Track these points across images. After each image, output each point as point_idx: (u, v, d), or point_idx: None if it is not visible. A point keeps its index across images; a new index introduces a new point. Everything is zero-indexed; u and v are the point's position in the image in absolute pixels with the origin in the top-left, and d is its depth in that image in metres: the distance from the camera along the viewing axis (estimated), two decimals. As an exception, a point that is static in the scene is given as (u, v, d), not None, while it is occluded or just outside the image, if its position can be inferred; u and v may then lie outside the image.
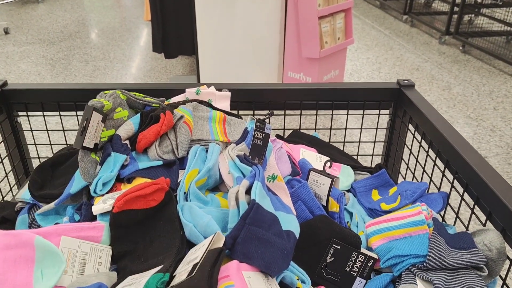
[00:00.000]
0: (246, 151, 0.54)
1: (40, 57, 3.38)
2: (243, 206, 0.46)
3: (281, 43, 2.70)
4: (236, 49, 2.70)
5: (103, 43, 3.69)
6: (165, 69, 3.18)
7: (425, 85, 2.76)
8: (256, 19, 2.62)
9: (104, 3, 5.09)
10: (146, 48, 3.58)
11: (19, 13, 4.46)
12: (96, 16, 4.54)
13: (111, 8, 4.91)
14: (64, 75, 3.05)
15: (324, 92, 0.86)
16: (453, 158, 0.65)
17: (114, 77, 3.00)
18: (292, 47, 2.61)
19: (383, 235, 0.55)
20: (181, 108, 0.65)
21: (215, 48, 2.68)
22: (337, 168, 0.78)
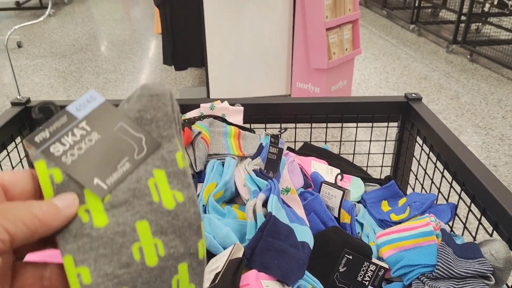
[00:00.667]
0: (261, 165, 0.57)
1: (53, 70, 3.45)
2: (260, 219, 0.48)
3: (289, 54, 2.74)
4: (244, 61, 2.75)
5: (114, 55, 3.76)
6: (175, 81, 3.23)
7: (433, 94, 2.77)
8: (264, 31, 2.67)
9: (114, 16, 5.18)
10: (156, 60, 3.64)
11: (32, 27, 4.56)
12: (107, 29, 4.63)
13: (121, 21, 5.01)
14: (76, 87, 3.11)
15: (334, 106, 0.89)
16: (460, 170, 0.67)
17: (125, 89, 3.06)
18: (300, 58, 2.65)
19: (393, 245, 0.57)
20: (198, 124, 0.69)
21: (224, 60, 2.73)
22: (347, 180, 0.80)
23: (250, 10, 2.60)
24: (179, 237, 0.30)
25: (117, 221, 0.29)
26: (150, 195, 0.30)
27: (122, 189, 0.30)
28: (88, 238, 0.28)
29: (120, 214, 0.29)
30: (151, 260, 0.29)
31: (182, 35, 2.67)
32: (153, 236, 0.29)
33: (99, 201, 0.29)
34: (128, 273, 0.28)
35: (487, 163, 2.07)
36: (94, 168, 0.30)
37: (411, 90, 2.86)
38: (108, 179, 0.30)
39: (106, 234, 0.28)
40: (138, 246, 0.29)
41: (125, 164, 0.30)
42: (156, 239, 0.29)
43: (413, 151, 0.88)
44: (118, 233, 0.29)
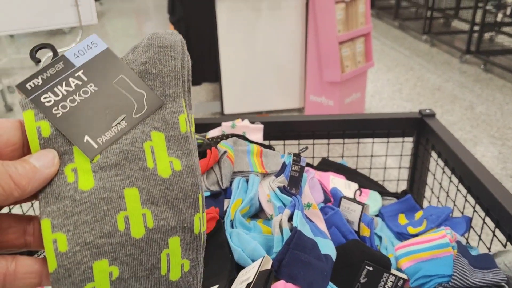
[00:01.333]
0: (285, 182, 0.61)
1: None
2: (286, 233, 0.52)
3: (302, 67, 2.79)
4: (258, 75, 2.81)
5: (131, 71, 3.85)
6: (191, 95, 3.28)
7: (448, 105, 2.79)
8: (277, 45, 2.73)
9: (127, 32, 5.31)
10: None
11: (49, 44, 4.68)
12: (120, 45, 4.74)
13: (134, 36, 5.13)
14: (96, 103, 3.19)
15: (351, 123, 0.92)
16: (474, 185, 0.70)
17: (143, 105, 3.13)
18: (314, 71, 2.69)
19: (411, 257, 0.60)
20: (223, 143, 0.73)
21: (237, 75, 2.79)
22: (365, 194, 0.84)
23: (263, 25, 2.66)
24: (172, 209, 0.28)
25: (103, 186, 0.26)
26: (144, 159, 0.27)
27: (114, 151, 0.27)
28: (71, 201, 0.25)
29: (108, 178, 0.26)
30: (137, 231, 0.26)
31: (196, 51, 2.75)
32: (142, 206, 0.27)
33: (88, 161, 0.26)
34: (110, 243, 0.25)
35: (504, 173, 2.07)
36: (86, 124, 0.27)
37: (424, 101, 2.88)
38: (100, 138, 0.27)
39: (90, 198, 0.26)
40: (124, 215, 0.26)
41: (120, 122, 0.27)
42: (145, 209, 0.27)
43: (428, 165, 0.91)
44: (103, 199, 0.26)
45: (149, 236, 0.27)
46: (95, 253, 0.25)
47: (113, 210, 0.26)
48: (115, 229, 0.26)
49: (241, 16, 2.62)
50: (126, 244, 0.26)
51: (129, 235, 0.26)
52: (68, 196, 0.25)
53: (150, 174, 0.27)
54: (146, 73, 0.29)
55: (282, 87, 2.86)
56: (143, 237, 0.26)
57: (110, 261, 0.26)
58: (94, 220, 0.26)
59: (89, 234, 0.25)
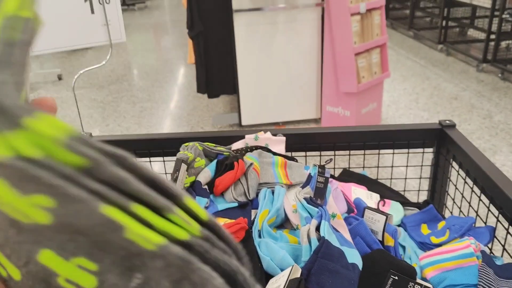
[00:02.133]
0: (311, 193, 0.63)
1: (92, 101, 3.64)
2: (314, 242, 0.54)
3: (318, 78, 2.81)
4: (275, 87, 2.84)
5: (148, 85, 3.93)
6: (207, 107, 3.34)
7: (465, 114, 2.77)
8: (294, 57, 2.76)
9: (146, 47, 5.42)
10: (188, 88, 3.77)
11: (70, 60, 4.82)
12: (140, 59, 4.84)
13: (153, 51, 5.23)
14: (114, 117, 3.26)
15: (371, 134, 0.94)
16: (497, 195, 0.71)
17: (159, 117, 3.19)
18: (330, 82, 2.71)
19: (436, 267, 0.61)
20: (249, 155, 0.76)
21: (255, 87, 2.83)
22: (387, 204, 0.85)
23: (280, 38, 2.70)
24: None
25: None
26: None
27: None
28: None
29: None
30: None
31: (215, 64, 2.80)
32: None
33: None
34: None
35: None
36: None
37: (442, 111, 2.87)
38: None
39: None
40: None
41: None
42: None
43: (449, 175, 0.92)
44: None
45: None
46: None
47: None
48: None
49: (258, 30, 2.67)
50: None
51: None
52: None
53: None
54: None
55: (298, 98, 2.89)
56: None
57: None
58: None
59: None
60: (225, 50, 2.74)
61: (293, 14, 2.64)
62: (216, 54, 2.78)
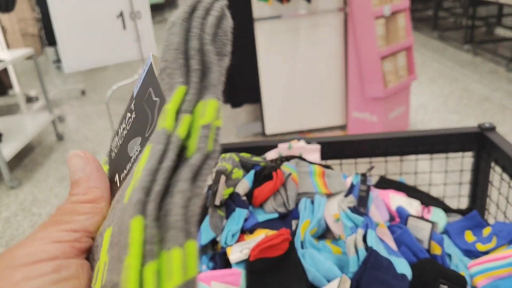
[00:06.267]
0: (354, 202, 0.62)
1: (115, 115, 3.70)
2: (361, 253, 0.53)
3: (343, 84, 2.79)
4: (299, 94, 2.83)
5: (172, 97, 3.97)
6: (230, 118, 3.35)
7: (497, 116, 2.69)
8: (318, 63, 2.75)
9: (166, 57, 5.49)
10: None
11: (93, 75, 4.94)
12: (161, 70, 4.90)
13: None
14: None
15: (408, 140, 0.92)
16: (546, 199, 0.68)
17: (187, 128, 3.21)
18: (355, 87, 2.69)
19: (487, 274, 0.59)
20: (286, 165, 0.76)
21: (278, 94, 2.83)
22: (429, 211, 0.83)
23: (302, 44, 2.70)
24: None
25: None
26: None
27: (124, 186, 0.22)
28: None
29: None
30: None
31: (237, 73, 2.82)
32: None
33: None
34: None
35: None
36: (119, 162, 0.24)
37: (472, 113, 2.80)
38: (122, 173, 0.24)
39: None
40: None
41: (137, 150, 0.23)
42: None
43: (492, 180, 0.89)
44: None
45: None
46: None
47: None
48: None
49: (280, 37, 2.68)
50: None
51: None
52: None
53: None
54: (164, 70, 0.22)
55: (323, 105, 2.87)
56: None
57: None
58: None
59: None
60: (247, 60, 2.75)
61: (314, 20, 2.64)
62: (238, 64, 2.79)
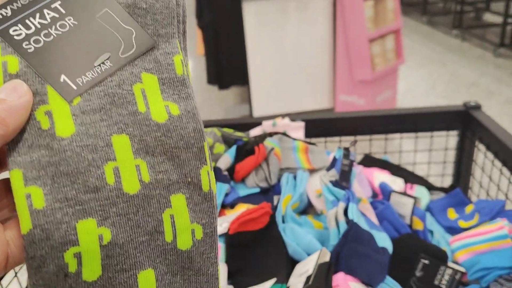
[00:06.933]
0: (336, 176, 0.61)
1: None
2: (342, 226, 0.53)
3: (331, 67, 2.77)
4: (287, 76, 2.81)
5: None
6: (218, 100, 3.31)
7: (484, 101, 2.71)
8: (306, 46, 2.72)
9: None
10: (198, 80, 3.74)
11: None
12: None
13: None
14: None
15: (393, 118, 0.91)
16: (529, 176, 0.68)
17: (174, 110, 3.17)
18: (343, 70, 2.67)
19: (468, 250, 0.59)
20: (269, 140, 0.74)
21: (266, 77, 2.80)
22: (412, 189, 0.83)
23: (291, 26, 2.66)
24: (171, 160, 0.23)
25: (87, 131, 0.22)
26: (134, 103, 0.23)
27: (98, 93, 0.23)
28: (47, 151, 0.21)
29: (92, 123, 0.22)
30: (130, 185, 0.22)
31: (225, 54, 2.78)
32: (135, 156, 0.23)
33: (66, 103, 0.22)
34: (96, 199, 0.21)
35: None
36: (63, 62, 0.23)
37: (459, 98, 2.81)
38: (80, 78, 0.23)
39: (70, 146, 0.22)
40: (113, 166, 0.22)
41: (105, 62, 0.24)
42: (139, 160, 0.23)
43: (475, 159, 0.89)
44: (87, 147, 0.22)
45: (146, 192, 0.22)
46: (79, 210, 0.21)
47: (99, 160, 0.22)
48: (103, 182, 0.22)
49: (269, 19, 2.64)
50: (117, 200, 0.22)
51: (121, 189, 0.22)
52: (43, 145, 0.21)
53: (143, 119, 0.23)
54: (136, 7, 0.24)
55: (311, 88, 2.85)
56: (138, 193, 0.22)
57: (99, 221, 0.21)
58: (76, 172, 0.21)
59: (71, 188, 0.21)
60: (235, 41, 2.71)
61: (304, 2, 2.60)
62: (226, 45, 2.75)
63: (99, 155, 0.22)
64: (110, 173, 0.22)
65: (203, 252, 0.24)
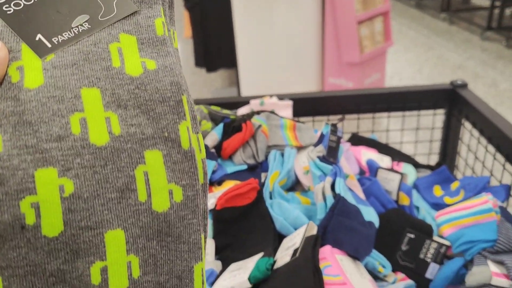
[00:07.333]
0: (323, 152, 0.61)
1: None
2: (329, 200, 0.53)
3: (320, 50, 2.76)
4: (275, 59, 2.79)
5: (148, 61, 3.86)
6: (206, 83, 3.29)
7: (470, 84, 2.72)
8: (294, 28, 2.70)
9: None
10: (185, 63, 3.70)
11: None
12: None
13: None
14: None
15: (381, 96, 0.91)
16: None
17: (161, 93, 3.14)
18: (332, 53, 2.66)
19: (453, 224, 0.60)
20: (256, 117, 0.73)
21: (255, 59, 2.77)
22: (399, 167, 0.83)
23: (279, 8, 2.63)
24: (146, 113, 0.23)
25: (55, 84, 0.22)
26: (108, 59, 0.23)
27: (72, 51, 0.23)
28: (13, 101, 0.21)
29: (62, 76, 0.22)
30: (98, 136, 0.21)
31: (213, 37, 2.74)
32: (105, 108, 0.22)
33: (38, 59, 0.22)
34: (59, 148, 0.21)
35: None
36: (41, 23, 0.23)
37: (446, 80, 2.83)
38: (56, 37, 0.23)
39: (37, 97, 0.21)
40: (79, 116, 0.21)
41: (83, 24, 0.24)
42: (110, 112, 0.22)
43: (461, 137, 0.90)
44: (53, 97, 0.21)
45: (116, 144, 0.21)
46: (38, 158, 0.20)
47: (65, 110, 0.21)
48: (67, 131, 0.21)
49: (257, 0, 2.60)
50: (83, 151, 0.21)
51: (87, 140, 0.21)
52: (11, 97, 0.21)
53: (116, 73, 0.23)
54: None
55: (300, 70, 2.84)
56: (106, 145, 0.21)
57: (60, 171, 0.20)
58: (40, 121, 0.21)
59: (32, 137, 0.20)
60: (223, 22, 2.67)
61: (293, -17, 2.57)
62: (214, 27, 2.72)
63: (65, 105, 0.21)
64: (76, 123, 0.21)
65: (184, 217, 0.23)
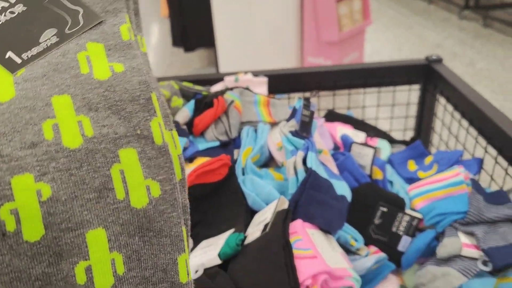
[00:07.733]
0: (296, 127, 0.60)
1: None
2: (301, 174, 0.52)
3: (299, 29, 2.73)
4: (254, 38, 2.75)
5: (124, 41, 3.76)
6: (183, 63, 3.23)
7: (448, 62, 2.75)
8: (273, 6, 2.66)
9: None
10: (162, 44, 3.63)
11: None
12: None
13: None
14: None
15: (357, 72, 0.91)
16: (486, 125, 0.69)
17: (139, 74, 3.08)
18: (311, 32, 2.64)
19: (425, 197, 0.60)
20: (229, 93, 0.72)
21: (233, 38, 2.73)
22: (374, 143, 0.83)
23: (259, -14, 2.58)
24: (117, 113, 0.23)
25: (26, 95, 0.22)
26: (77, 67, 0.24)
27: (41, 64, 0.24)
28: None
29: (32, 87, 0.23)
30: (71, 140, 0.22)
31: (190, 15, 2.68)
32: (77, 113, 0.22)
33: (10, 75, 0.23)
34: (34, 155, 0.21)
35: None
36: (10, 42, 0.25)
37: (424, 59, 2.84)
38: (25, 53, 0.24)
39: (9, 109, 0.22)
40: (51, 123, 0.22)
41: (51, 38, 0.25)
42: (81, 116, 0.22)
43: (436, 112, 0.90)
44: (25, 108, 0.22)
45: (90, 146, 0.22)
46: (14, 166, 0.20)
47: (37, 118, 0.22)
48: (40, 138, 0.21)
49: (235, -23, 2.55)
50: (57, 155, 0.21)
51: (60, 144, 0.21)
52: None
53: (85, 79, 0.23)
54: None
55: (279, 50, 2.81)
56: (80, 147, 0.22)
57: (36, 176, 0.21)
58: (13, 131, 0.21)
59: (6, 146, 0.21)
60: (201, 1, 2.61)
61: (272, -40, 2.52)
62: (191, 4, 2.65)
63: (37, 114, 0.22)
64: (49, 130, 0.22)
65: (163, 211, 0.23)
